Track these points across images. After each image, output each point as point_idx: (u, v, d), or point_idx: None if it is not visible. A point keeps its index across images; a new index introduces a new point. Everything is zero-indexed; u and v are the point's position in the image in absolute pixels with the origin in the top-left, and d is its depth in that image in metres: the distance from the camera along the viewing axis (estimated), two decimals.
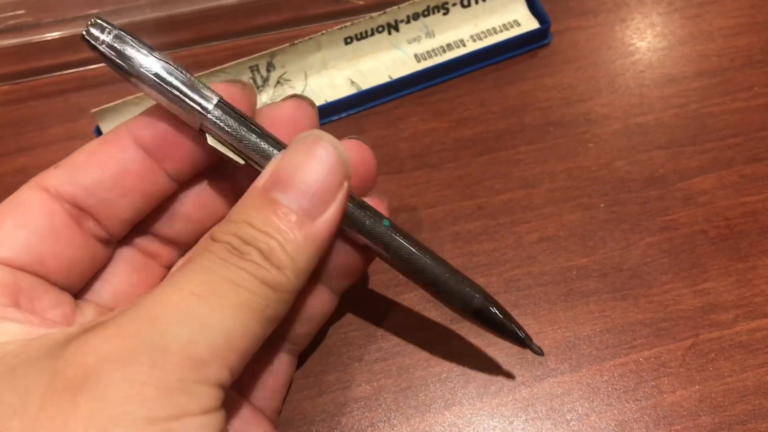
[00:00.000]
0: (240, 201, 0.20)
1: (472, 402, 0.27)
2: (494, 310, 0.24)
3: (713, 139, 0.34)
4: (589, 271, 0.30)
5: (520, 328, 0.24)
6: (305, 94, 0.35)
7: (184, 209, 0.24)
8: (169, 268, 0.25)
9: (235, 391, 0.23)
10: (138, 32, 0.35)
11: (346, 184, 0.20)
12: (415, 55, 0.36)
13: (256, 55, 0.34)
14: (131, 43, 0.20)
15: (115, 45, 0.20)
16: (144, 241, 0.24)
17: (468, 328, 0.29)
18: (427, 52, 0.36)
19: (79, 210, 0.21)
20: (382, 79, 0.35)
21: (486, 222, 0.32)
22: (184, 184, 0.23)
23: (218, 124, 0.21)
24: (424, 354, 0.28)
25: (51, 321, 0.20)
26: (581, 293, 0.30)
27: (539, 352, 0.24)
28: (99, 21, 0.20)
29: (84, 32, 0.20)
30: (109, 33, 0.20)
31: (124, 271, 0.24)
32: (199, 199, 0.24)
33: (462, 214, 0.32)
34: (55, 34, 0.35)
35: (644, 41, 0.38)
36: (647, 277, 0.30)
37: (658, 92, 0.36)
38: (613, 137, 0.34)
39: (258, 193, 0.20)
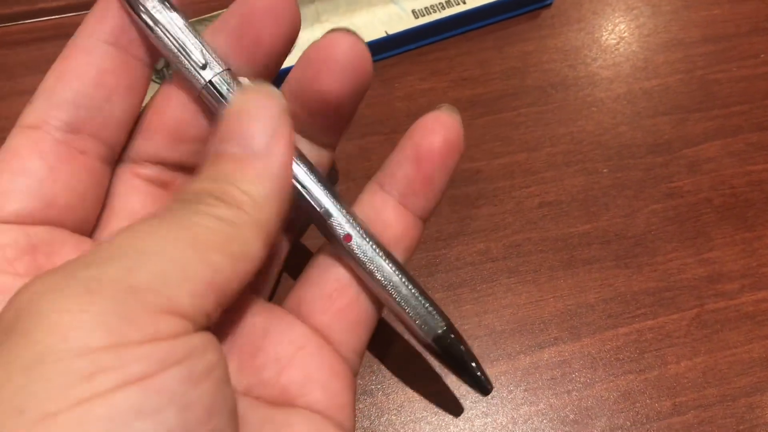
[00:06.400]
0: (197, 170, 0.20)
1: None
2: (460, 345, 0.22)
3: (719, 106, 0.33)
4: (592, 238, 0.29)
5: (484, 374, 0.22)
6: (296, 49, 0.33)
7: (182, 127, 0.23)
8: None
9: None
10: None
11: (286, 120, 0.20)
12: (413, 11, 0.35)
13: None
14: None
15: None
16: (154, 172, 0.23)
17: (467, 294, 0.28)
18: (426, 8, 0.35)
19: (73, 133, 0.20)
20: (377, 34, 0.33)
21: (485, 186, 0.30)
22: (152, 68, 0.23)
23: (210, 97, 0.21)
24: None
25: None
26: (583, 260, 0.28)
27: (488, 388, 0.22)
28: None
29: None
30: None
31: (139, 202, 0.23)
32: (197, 116, 0.23)
33: (460, 177, 0.31)
34: None
35: (649, 5, 0.36)
36: (651, 245, 0.29)
37: (663, 57, 0.34)
38: (616, 101, 0.33)
39: (208, 154, 0.20)
